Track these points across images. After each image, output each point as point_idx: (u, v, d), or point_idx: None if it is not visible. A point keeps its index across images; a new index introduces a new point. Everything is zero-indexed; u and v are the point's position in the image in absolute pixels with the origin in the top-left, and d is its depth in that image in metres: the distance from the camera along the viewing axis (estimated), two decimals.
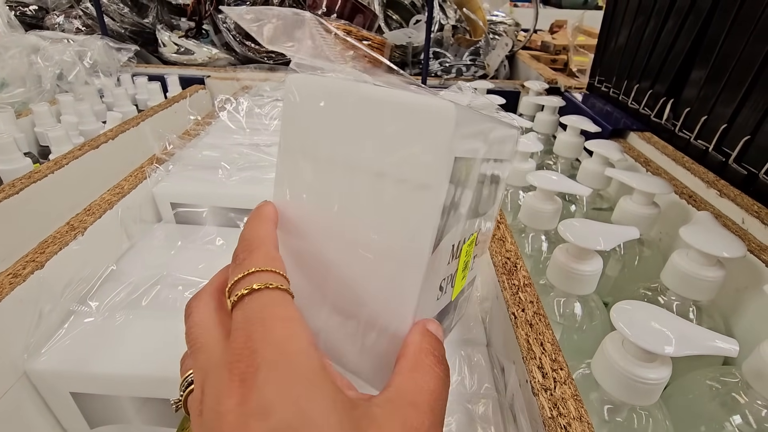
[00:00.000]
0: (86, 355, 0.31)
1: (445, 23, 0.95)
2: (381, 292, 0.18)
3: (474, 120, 0.18)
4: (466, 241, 0.21)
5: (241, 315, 0.14)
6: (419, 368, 0.15)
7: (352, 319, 0.18)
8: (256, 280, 0.15)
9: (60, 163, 0.48)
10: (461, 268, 0.21)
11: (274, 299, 0.15)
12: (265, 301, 0.14)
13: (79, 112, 0.64)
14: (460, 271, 0.21)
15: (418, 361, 0.16)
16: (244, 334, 0.13)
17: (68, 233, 0.36)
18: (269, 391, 0.12)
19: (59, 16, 0.92)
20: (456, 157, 0.17)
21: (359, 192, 0.18)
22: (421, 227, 0.16)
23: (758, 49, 0.42)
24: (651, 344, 0.23)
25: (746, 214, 0.39)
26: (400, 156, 0.17)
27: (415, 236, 0.17)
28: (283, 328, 0.14)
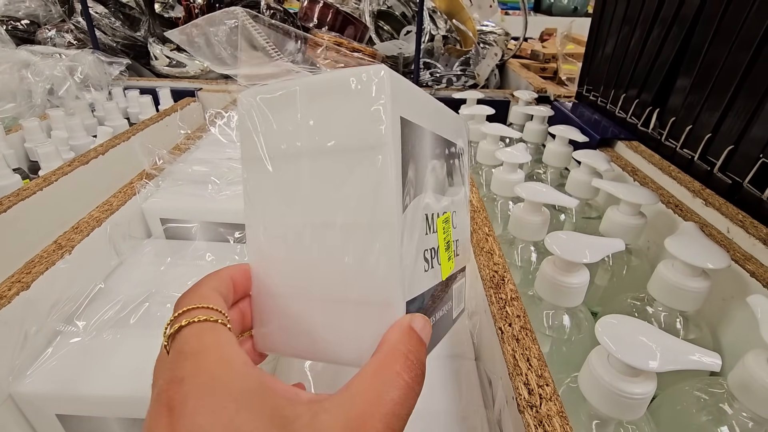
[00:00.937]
0: (73, 376, 0.31)
1: (436, 34, 0.96)
2: (364, 265, 0.17)
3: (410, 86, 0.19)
4: (439, 215, 0.21)
5: (173, 350, 0.15)
6: (384, 372, 0.15)
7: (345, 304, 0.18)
8: (185, 317, 0.15)
9: (49, 179, 0.48)
10: (443, 245, 0.21)
11: (202, 330, 0.15)
12: (193, 332, 0.15)
13: (70, 126, 0.64)
14: (442, 249, 0.21)
15: (384, 364, 0.15)
16: (173, 365, 0.14)
17: (55, 252, 0.36)
18: (199, 418, 0.12)
19: (51, 31, 0.92)
20: (402, 118, 0.17)
21: (319, 175, 0.18)
22: (381, 186, 0.17)
23: (740, 58, 0.43)
24: (635, 360, 0.23)
25: (731, 223, 0.39)
26: (346, 126, 0.17)
27: (378, 197, 0.17)
28: (211, 354, 0.14)
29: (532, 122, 0.70)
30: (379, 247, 0.17)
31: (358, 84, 0.17)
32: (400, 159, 0.17)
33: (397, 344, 0.16)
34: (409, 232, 0.18)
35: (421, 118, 0.19)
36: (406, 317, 0.17)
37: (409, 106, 0.18)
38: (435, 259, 0.20)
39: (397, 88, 0.17)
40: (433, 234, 0.20)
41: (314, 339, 0.19)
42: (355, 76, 0.17)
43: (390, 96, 0.17)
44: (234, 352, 0.14)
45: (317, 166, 0.18)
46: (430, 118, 0.21)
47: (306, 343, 0.19)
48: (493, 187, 0.52)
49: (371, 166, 0.17)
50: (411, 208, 0.18)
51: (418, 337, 0.16)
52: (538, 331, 0.35)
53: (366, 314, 0.18)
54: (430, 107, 0.21)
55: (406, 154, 0.18)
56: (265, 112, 0.19)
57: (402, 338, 0.16)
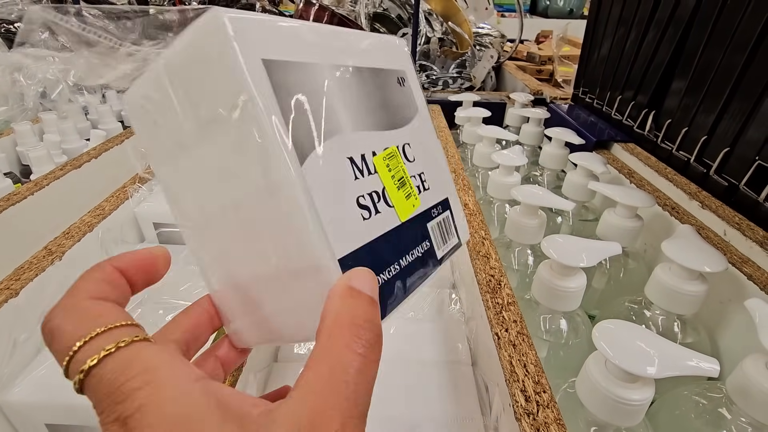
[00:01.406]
0: (63, 385, 0.30)
1: (432, 36, 0.96)
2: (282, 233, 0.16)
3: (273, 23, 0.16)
4: (377, 153, 0.19)
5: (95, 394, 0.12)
6: (330, 352, 0.13)
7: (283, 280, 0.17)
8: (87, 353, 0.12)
9: (40, 184, 0.47)
10: (392, 184, 0.19)
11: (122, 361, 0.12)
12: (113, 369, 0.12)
13: (63, 130, 0.63)
14: (392, 188, 0.19)
15: (329, 342, 0.13)
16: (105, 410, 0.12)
17: (45, 258, 0.35)
18: None
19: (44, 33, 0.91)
20: (269, 60, 0.15)
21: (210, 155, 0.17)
22: (263, 145, 0.15)
23: (736, 60, 0.43)
24: (633, 366, 0.23)
25: (728, 225, 0.39)
26: (209, 93, 0.15)
27: (265, 157, 0.15)
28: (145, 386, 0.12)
29: (529, 124, 0.70)
30: (286, 210, 0.15)
31: (199, 42, 0.15)
32: (277, 107, 0.15)
33: (338, 314, 0.14)
34: (322, 182, 0.16)
35: (305, 54, 0.17)
36: (343, 277, 0.15)
37: (278, 44, 0.16)
38: (382, 202, 0.19)
39: (247, 28, 0.15)
40: (372, 175, 0.18)
41: (274, 323, 0.18)
42: (193, 35, 0.15)
43: (234, 39, 0.14)
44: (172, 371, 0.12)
45: (203, 148, 0.17)
46: (329, 50, 0.18)
47: (270, 330, 0.18)
48: (489, 190, 0.51)
49: (243, 124, 0.15)
50: (317, 156, 0.16)
51: (363, 295, 0.14)
52: (535, 336, 0.34)
53: (305, 285, 0.16)
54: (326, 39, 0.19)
55: (287, 97, 0.16)
56: (144, 109, 0.18)
57: (342, 304, 0.14)
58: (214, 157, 0.17)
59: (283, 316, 0.18)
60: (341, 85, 0.18)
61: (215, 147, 0.16)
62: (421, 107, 0.24)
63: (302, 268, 0.16)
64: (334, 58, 0.18)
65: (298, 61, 0.17)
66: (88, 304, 0.14)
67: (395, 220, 0.19)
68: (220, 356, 0.20)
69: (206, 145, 0.16)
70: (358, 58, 0.20)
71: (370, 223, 0.18)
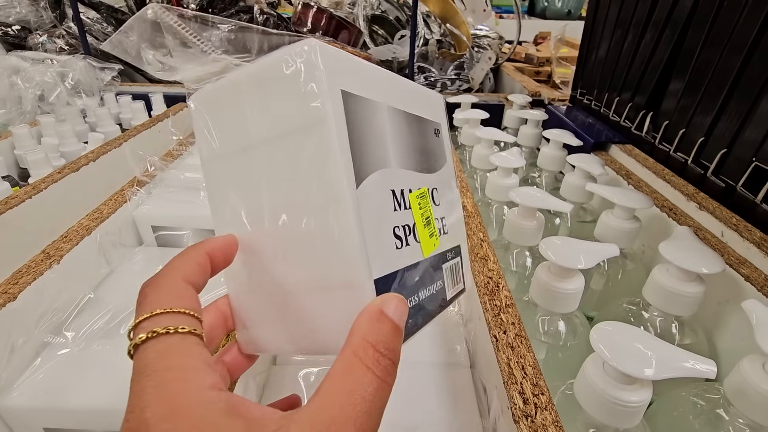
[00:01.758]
0: (61, 389, 0.30)
1: (430, 38, 0.96)
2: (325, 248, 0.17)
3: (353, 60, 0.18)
4: (412, 191, 0.21)
5: (136, 367, 0.14)
6: (353, 370, 0.14)
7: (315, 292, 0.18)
8: (149, 325, 0.14)
9: (38, 187, 0.47)
10: (420, 221, 0.21)
11: (171, 347, 0.14)
12: (160, 350, 0.14)
13: (61, 133, 0.63)
14: (420, 225, 0.21)
15: (353, 360, 0.14)
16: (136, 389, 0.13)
17: (43, 262, 0.35)
18: None
19: (42, 36, 0.91)
20: (346, 92, 0.17)
21: (270, 164, 0.18)
22: (327, 161, 0.16)
23: (732, 61, 0.43)
24: (630, 367, 0.23)
25: (725, 227, 0.39)
26: (287, 109, 0.17)
27: (326, 175, 0.16)
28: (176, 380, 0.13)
29: (527, 126, 0.70)
30: (335, 227, 0.16)
31: (289, 63, 0.17)
32: (346, 133, 0.17)
33: (365, 335, 0.15)
34: (370, 207, 0.17)
35: (370, 91, 0.19)
36: (377, 300, 0.16)
37: (353, 79, 0.18)
38: (411, 236, 0.20)
39: (333, 61, 0.17)
40: (406, 210, 0.20)
41: (294, 333, 0.19)
42: (286, 56, 0.17)
43: (323, 69, 0.16)
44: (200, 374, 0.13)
45: (267, 156, 0.18)
46: (385, 91, 0.20)
47: (288, 339, 0.19)
48: (487, 192, 0.51)
49: (315, 144, 0.16)
50: (369, 182, 0.17)
51: (390, 322, 0.15)
52: (533, 338, 0.34)
53: (336, 299, 0.17)
54: (383, 81, 0.20)
55: (354, 127, 0.17)
56: (213, 111, 0.19)
57: (371, 327, 0.15)
58: (275, 166, 0.18)
59: (307, 327, 0.18)
60: (394, 125, 0.20)
61: (279, 157, 0.18)
62: (449, 159, 0.26)
63: (337, 283, 0.17)
64: (392, 101, 0.21)
65: (367, 97, 0.18)
66: (176, 284, 0.16)
67: (419, 255, 0.20)
68: (228, 362, 0.20)
69: (270, 153, 0.18)
70: (409, 104, 0.22)
71: (401, 252, 0.19)
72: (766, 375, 0.25)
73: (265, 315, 0.19)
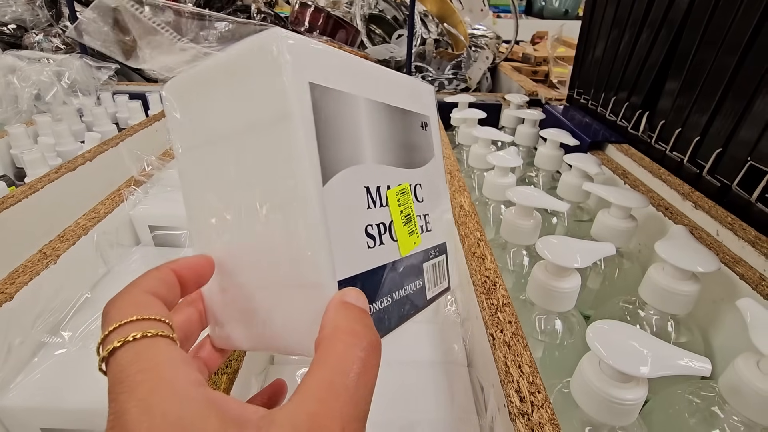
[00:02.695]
0: (58, 389, 0.30)
1: (427, 37, 0.96)
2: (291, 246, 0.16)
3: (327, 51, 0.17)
4: (391, 187, 0.20)
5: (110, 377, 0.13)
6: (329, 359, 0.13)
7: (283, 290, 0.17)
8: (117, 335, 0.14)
9: (35, 187, 0.47)
10: (399, 219, 0.20)
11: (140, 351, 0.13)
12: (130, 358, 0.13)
13: (57, 132, 0.63)
14: (399, 223, 0.20)
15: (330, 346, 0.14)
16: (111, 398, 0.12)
17: (40, 262, 0.35)
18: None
19: (38, 35, 0.91)
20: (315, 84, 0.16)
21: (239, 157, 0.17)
22: (292, 158, 0.16)
23: (728, 61, 0.43)
24: (626, 366, 0.23)
25: (720, 226, 0.39)
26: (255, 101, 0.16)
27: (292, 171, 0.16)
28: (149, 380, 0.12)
29: (524, 125, 0.71)
30: (300, 225, 0.16)
31: (255, 53, 0.16)
32: (312, 128, 0.16)
33: (335, 323, 0.14)
34: (337, 205, 0.16)
35: (346, 83, 0.18)
36: (337, 294, 0.16)
37: (324, 70, 0.17)
38: (387, 235, 0.19)
39: (300, 51, 0.16)
40: (383, 207, 0.19)
41: (265, 330, 0.18)
42: (251, 46, 0.16)
43: (289, 60, 0.15)
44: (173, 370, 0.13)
45: (234, 149, 0.17)
46: (366, 84, 0.19)
47: (259, 336, 0.18)
48: (484, 191, 0.52)
49: (279, 139, 0.16)
50: (337, 180, 0.17)
51: (355, 307, 0.15)
52: (530, 336, 0.35)
53: (300, 299, 0.17)
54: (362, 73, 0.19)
55: (324, 122, 0.16)
56: (184, 101, 0.19)
57: (337, 314, 0.15)
58: (244, 159, 0.17)
59: (277, 324, 0.18)
60: (372, 118, 0.19)
61: (247, 151, 0.17)
62: (438, 153, 0.25)
63: (302, 282, 0.17)
64: (370, 93, 0.20)
65: (339, 89, 0.17)
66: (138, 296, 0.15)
67: (396, 254, 0.20)
68: (203, 357, 0.20)
69: (238, 147, 0.17)
70: (392, 96, 0.21)
71: (373, 252, 0.18)
72: (760, 373, 0.25)
73: (236, 312, 0.19)
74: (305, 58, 0.16)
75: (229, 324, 0.19)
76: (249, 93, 0.16)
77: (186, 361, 0.14)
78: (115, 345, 0.13)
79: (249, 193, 0.17)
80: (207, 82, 0.18)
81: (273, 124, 0.16)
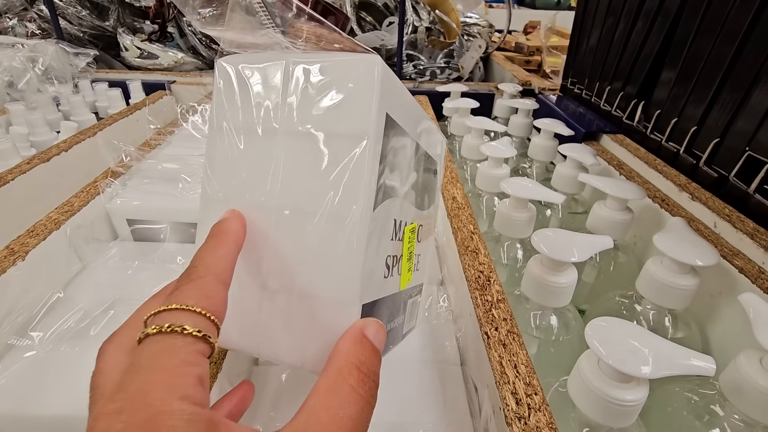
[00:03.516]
0: (26, 395, 0.28)
1: (419, 25, 0.94)
2: (326, 258, 0.17)
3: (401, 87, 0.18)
4: (407, 224, 0.21)
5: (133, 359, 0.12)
6: (338, 389, 0.14)
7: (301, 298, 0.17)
8: (169, 320, 0.13)
9: (5, 178, 0.44)
10: (405, 255, 0.21)
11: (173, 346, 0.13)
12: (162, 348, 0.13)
13: (31, 122, 0.60)
14: (405, 259, 0.21)
15: (338, 379, 0.14)
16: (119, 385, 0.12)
17: (7, 258, 0.33)
18: None
19: (12, 20, 0.87)
20: (389, 117, 0.17)
21: (294, 158, 0.17)
22: (356, 179, 0.16)
23: (725, 51, 0.42)
24: (627, 366, 0.22)
25: (718, 217, 0.38)
26: (331, 112, 0.17)
27: (351, 189, 0.16)
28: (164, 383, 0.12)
29: (517, 115, 0.69)
30: (344, 242, 0.16)
31: (350, 70, 0.16)
32: (380, 154, 0.16)
33: (349, 356, 0.15)
34: (377, 233, 0.17)
35: (404, 120, 0.19)
36: (359, 323, 0.16)
37: (396, 105, 0.18)
38: (396, 268, 0.20)
39: (388, 84, 0.17)
40: (399, 242, 0.20)
41: (267, 335, 0.18)
42: (347, 62, 0.17)
43: (380, 89, 0.16)
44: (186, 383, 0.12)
45: (293, 148, 0.17)
46: (413, 123, 0.20)
47: (260, 340, 0.18)
48: (477, 183, 0.50)
49: (350, 156, 0.16)
50: (382, 209, 0.17)
51: (371, 345, 0.16)
52: (525, 332, 0.33)
53: (320, 311, 0.17)
54: (414, 113, 0.20)
55: (386, 152, 0.17)
56: (245, 82, 0.18)
57: (354, 348, 0.15)
58: (298, 161, 0.17)
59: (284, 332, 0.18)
60: (412, 157, 0.21)
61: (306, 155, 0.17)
62: (439, 198, 0.26)
63: (329, 297, 0.17)
64: (416, 135, 0.21)
65: (401, 126, 0.19)
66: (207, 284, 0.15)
67: (396, 288, 0.20)
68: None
69: (297, 148, 0.17)
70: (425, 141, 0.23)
71: (386, 282, 0.19)
72: (763, 370, 0.24)
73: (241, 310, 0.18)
74: (389, 90, 0.17)
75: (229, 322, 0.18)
76: (332, 102, 0.17)
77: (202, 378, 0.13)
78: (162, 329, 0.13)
79: (293, 193, 0.17)
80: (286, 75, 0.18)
81: (347, 138, 0.16)
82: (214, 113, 0.19)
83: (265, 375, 0.31)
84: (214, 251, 0.16)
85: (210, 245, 0.16)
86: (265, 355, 0.18)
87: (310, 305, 0.17)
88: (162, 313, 0.13)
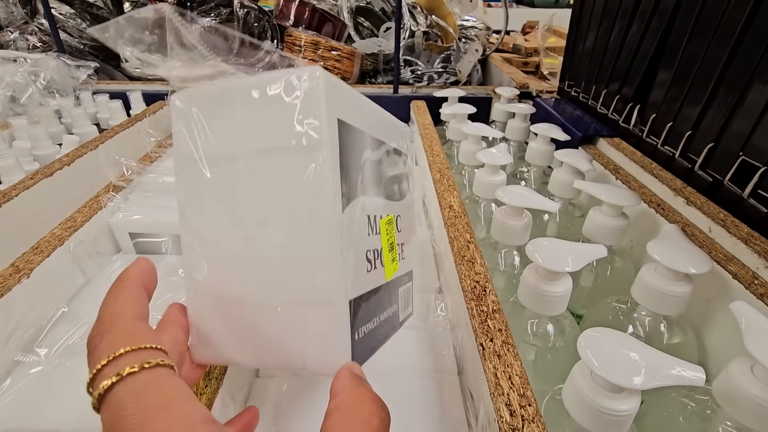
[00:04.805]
0: (33, 410, 0.29)
1: (416, 30, 0.94)
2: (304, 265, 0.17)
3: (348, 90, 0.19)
4: (383, 217, 0.22)
5: (110, 417, 0.12)
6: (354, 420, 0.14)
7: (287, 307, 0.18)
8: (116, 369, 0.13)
9: (9, 195, 0.45)
10: (386, 247, 0.22)
11: (144, 384, 0.13)
12: (134, 390, 0.12)
13: (33, 136, 0.61)
14: (386, 250, 0.22)
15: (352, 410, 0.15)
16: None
17: (12, 276, 0.34)
18: None
19: (13, 33, 0.88)
20: (340, 120, 0.18)
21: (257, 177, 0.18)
22: (319, 187, 0.17)
23: (719, 53, 0.42)
24: (619, 377, 0.22)
25: (713, 222, 0.39)
26: (283, 128, 0.17)
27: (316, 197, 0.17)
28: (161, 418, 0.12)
29: (514, 120, 0.69)
30: (319, 247, 0.17)
31: (293, 85, 0.17)
32: (338, 159, 0.17)
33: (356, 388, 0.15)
34: (349, 232, 0.18)
35: (359, 121, 0.19)
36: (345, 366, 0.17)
37: (347, 108, 0.18)
38: (378, 260, 0.21)
39: (334, 90, 0.17)
40: (376, 235, 0.21)
41: (257, 345, 0.19)
42: (290, 78, 0.17)
43: (325, 97, 0.17)
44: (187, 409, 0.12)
45: (255, 169, 0.18)
46: (370, 121, 0.21)
47: (249, 351, 0.19)
48: (475, 189, 0.51)
49: (309, 166, 0.17)
50: (351, 208, 0.18)
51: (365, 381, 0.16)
52: (521, 340, 0.34)
53: (309, 315, 0.18)
54: (369, 111, 0.21)
55: (345, 155, 0.18)
56: (200, 114, 0.19)
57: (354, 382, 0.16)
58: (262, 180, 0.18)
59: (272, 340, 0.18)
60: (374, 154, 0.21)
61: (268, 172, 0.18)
62: (412, 187, 0.27)
63: (315, 301, 0.17)
64: (375, 131, 0.22)
65: (357, 127, 0.19)
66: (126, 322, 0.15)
67: (382, 279, 0.21)
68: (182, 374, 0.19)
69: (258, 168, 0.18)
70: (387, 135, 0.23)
71: (370, 275, 0.20)
72: (754, 378, 0.25)
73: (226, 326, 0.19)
74: (337, 96, 0.18)
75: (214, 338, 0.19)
76: (281, 119, 0.17)
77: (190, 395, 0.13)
78: (112, 380, 0.13)
79: (262, 210, 0.18)
80: (234, 100, 0.18)
81: (303, 151, 0.17)
82: (176, 150, 0.19)
83: (266, 387, 0.32)
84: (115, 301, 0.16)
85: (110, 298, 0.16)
86: (266, 364, 0.19)
87: (301, 312, 0.18)
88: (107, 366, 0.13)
